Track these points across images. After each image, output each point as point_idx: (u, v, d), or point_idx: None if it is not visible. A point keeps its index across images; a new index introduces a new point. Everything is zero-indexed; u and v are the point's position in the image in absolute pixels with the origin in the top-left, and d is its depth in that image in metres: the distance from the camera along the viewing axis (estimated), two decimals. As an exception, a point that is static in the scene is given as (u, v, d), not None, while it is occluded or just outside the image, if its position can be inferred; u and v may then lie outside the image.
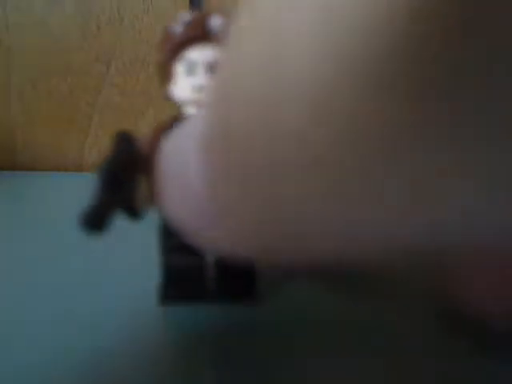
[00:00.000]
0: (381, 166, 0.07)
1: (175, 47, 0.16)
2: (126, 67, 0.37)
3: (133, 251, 0.20)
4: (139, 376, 0.14)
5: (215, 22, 0.15)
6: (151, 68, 0.36)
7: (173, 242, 0.17)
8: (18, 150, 0.38)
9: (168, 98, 0.17)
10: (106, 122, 0.37)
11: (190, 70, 0.16)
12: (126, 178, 0.13)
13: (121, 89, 0.37)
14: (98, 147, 0.37)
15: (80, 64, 0.37)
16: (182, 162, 0.12)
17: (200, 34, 0.15)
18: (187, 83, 0.16)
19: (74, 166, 0.37)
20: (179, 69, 0.16)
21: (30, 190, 0.33)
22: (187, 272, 0.17)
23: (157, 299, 0.17)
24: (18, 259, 0.22)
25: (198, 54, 0.16)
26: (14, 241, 0.24)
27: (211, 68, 0.16)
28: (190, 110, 0.17)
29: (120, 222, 0.14)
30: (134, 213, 0.15)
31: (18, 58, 0.37)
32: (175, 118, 0.17)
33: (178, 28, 0.15)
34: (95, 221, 0.12)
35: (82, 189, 0.33)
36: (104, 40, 0.36)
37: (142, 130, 0.17)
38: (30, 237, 0.24)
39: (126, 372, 0.14)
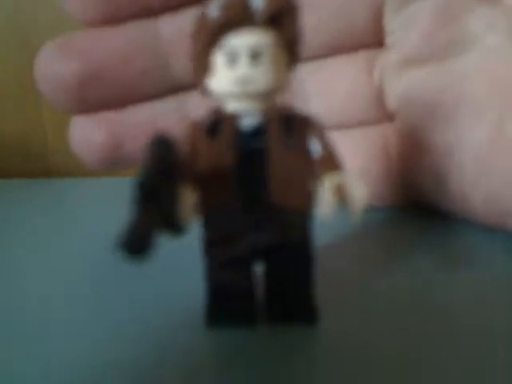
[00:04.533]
0: None
1: (213, 34, 0.13)
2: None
3: (179, 266, 0.18)
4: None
5: (259, 0, 0.13)
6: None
7: (218, 258, 0.15)
8: (49, 156, 0.37)
9: (206, 93, 0.15)
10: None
11: (232, 60, 0.14)
12: (166, 189, 0.11)
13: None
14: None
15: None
16: None
17: (241, 16, 0.13)
18: (229, 75, 0.14)
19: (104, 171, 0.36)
20: (219, 59, 0.14)
21: (63, 197, 0.32)
22: (235, 291, 0.15)
23: (203, 320, 0.15)
24: (56, 270, 0.20)
25: (240, 41, 0.13)
26: (52, 250, 0.23)
27: (255, 56, 0.14)
28: (232, 105, 0.15)
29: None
30: (177, 228, 0.13)
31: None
32: (214, 114, 0.15)
33: (215, 10, 0.13)
34: (137, 244, 0.10)
35: (116, 194, 0.32)
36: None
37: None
38: (67, 247, 0.23)
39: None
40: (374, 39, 0.24)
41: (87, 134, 0.25)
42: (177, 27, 0.24)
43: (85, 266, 0.21)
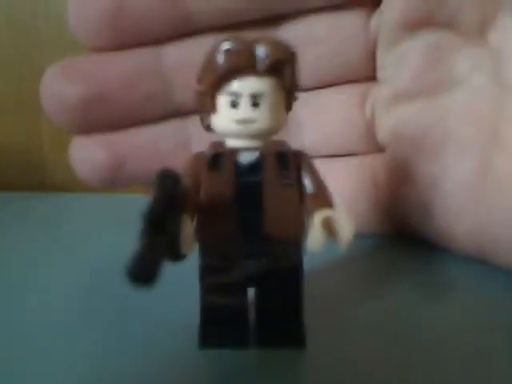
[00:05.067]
0: None
1: (218, 78, 0.15)
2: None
3: (174, 289, 0.19)
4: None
5: (263, 50, 0.14)
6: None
7: (213, 283, 0.16)
8: (47, 170, 0.38)
9: (208, 129, 0.16)
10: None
11: (234, 102, 0.15)
12: (171, 220, 0.13)
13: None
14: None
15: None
16: None
17: (246, 64, 0.14)
18: (231, 115, 0.15)
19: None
20: (222, 100, 0.15)
21: (59, 212, 0.32)
22: (228, 315, 0.16)
23: (197, 341, 0.16)
24: (52, 285, 0.21)
25: (243, 86, 0.15)
26: (43, 266, 0.23)
27: (256, 99, 0.15)
28: (233, 142, 0.16)
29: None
30: (179, 255, 0.14)
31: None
32: (215, 147, 0.16)
33: (221, 56, 0.15)
34: (146, 274, 0.11)
35: (112, 210, 0.33)
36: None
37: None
38: (58, 262, 0.24)
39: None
40: (366, 74, 0.25)
41: (89, 154, 0.25)
42: (181, 55, 0.25)
43: (81, 281, 0.22)
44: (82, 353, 0.16)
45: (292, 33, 0.25)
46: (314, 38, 0.25)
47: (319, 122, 0.26)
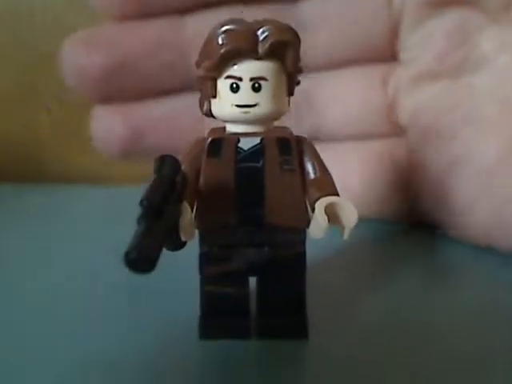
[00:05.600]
0: None
1: (219, 61, 0.14)
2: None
3: (175, 279, 0.19)
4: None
5: (264, 32, 0.14)
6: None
7: (214, 272, 0.16)
8: (45, 162, 0.38)
9: (208, 115, 0.16)
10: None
11: (235, 87, 0.14)
12: (171, 206, 0.12)
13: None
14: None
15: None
16: None
17: (248, 47, 0.14)
18: (231, 100, 0.15)
19: (101, 178, 0.37)
20: (222, 84, 0.15)
21: (58, 203, 0.32)
22: (229, 305, 0.16)
23: (197, 332, 0.16)
24: (51, 278, 0.21)
25: (244, 69, 0.14)
26: (42, 257, 0.23)
27: (257, 83, 0.14)
28: (233, 128, 0.15)
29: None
30: (178, 243, 0.13)
31: (45, 68, 0.36)
32: (215, 133, 0.16)
33: (221, 38, 0.14)
34: (143, 259, 0.10)
35: (110, 202, 0.32)
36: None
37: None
38: (58, 253, 0.24)
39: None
40: (388, 54, 0.25)
41: (108, 125, 0.26)
42: (200, 27, 0.25)
43: (80, 273, 0.21)
44: (83, 343, 0.16)
45: (311, 8, 0.24)
46: (334, 14, 0.24)
47: (339, 103, 0.25)
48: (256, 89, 0.14)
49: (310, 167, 0.15)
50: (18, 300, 0.19)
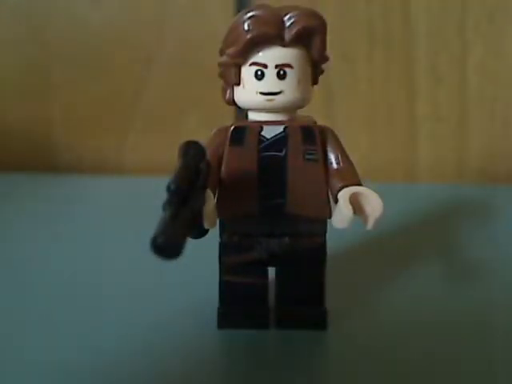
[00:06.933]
0: None
1: (243, 48, 0.14)
2: (168, 68, 0.35)
3: (193, 268, 0.19)
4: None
5: (291, 18, 0.14)
6: (194, 69, 0.35)
7: (233, 261, 0.15)
8: (57, 151, 0.38)
9: (231, 103, 0.16)
10: (146, 124, 0.36)
11: (260, 74, 0.14)
12: (196, 194, 0.12)
13: (162, 90, 0.36)
14: (138, 149, 0.37)
15: (120, 64, 0.36)
16: None
17: (274, 33, 0.14)
18: (255, 87, 0.14)
19: (113, 168, 0.36)
20: (247, 71, 0.14)
21: (69, 192, 0.32)
22: (248, 294, 0.16)
23: (216, 321, 0.16)
24: (61, 268, 0.21)
25: (269, 56, 0.14)
26: (55, 246, 0.23)
27: (282, 70, 0.14)
28: (257, 116, 0.15)
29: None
30: (201, 231, 0.13)
31: (58, 58, 0.36)
32: (239, 122, 0.15)
33: (247, 24, 0.14)
34: (171, 246, 0.10)
35: (122, 192, 0.32)
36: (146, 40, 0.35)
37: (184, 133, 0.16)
38: (70, 242, 0.24)
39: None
40: None
41: None
42: None
43: (94, 262, 0.21)
44: (97, 330, 0.16)
45: None
46: None
47: None
48: (281, 76, 0.14)
49: (332, 157, 0.15)
50: (33, 287, 0.19)
